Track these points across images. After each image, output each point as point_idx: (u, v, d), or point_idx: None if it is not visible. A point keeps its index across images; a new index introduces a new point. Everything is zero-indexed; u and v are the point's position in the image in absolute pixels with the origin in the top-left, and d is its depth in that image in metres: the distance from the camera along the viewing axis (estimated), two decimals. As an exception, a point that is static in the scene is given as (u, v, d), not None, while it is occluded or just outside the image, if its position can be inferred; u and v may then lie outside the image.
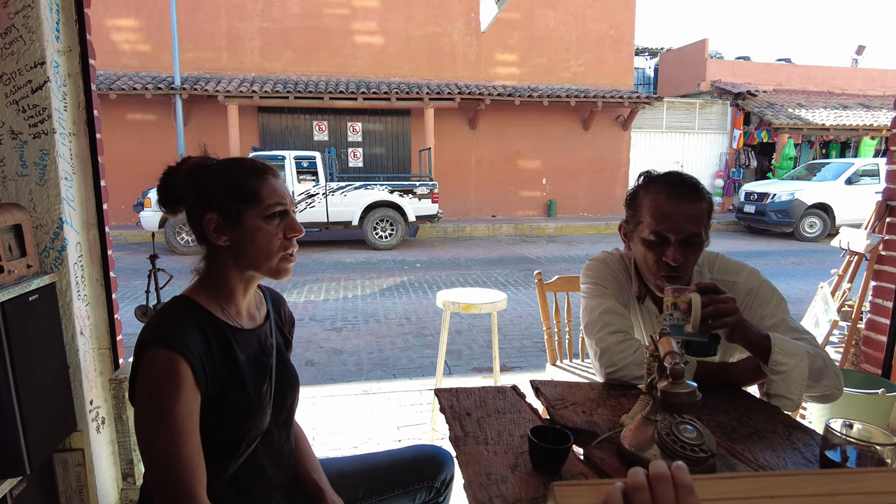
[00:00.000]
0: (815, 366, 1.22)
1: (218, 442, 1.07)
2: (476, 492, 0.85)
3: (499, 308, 2.59)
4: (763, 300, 1.38)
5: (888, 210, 2.53)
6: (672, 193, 1.32)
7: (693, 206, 1.30)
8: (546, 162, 13.99)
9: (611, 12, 14.04)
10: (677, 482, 0.52)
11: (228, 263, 1.11)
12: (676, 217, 1.30)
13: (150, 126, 11.92)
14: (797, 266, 8.42)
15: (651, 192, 1.36)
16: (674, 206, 1.30)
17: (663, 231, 1.31)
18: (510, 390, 1.26)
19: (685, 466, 0.53)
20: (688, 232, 1.29)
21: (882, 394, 2.30)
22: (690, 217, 1.29)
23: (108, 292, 1.99)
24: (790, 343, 1.22)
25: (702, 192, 1.34)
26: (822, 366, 1.23)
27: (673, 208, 1.30)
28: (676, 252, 1.30)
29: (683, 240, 1.30)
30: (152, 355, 0.98)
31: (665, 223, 1.30)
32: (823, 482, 0.52)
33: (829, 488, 0.51)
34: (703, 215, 1.32)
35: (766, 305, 1.38)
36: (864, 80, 16.86)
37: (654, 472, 0.53)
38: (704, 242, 1.34)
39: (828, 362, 1.26)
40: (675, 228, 1.30)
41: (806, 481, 0.52)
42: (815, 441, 1.06)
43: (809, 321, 3.08)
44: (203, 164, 1.12)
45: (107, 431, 2.01)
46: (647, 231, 1.33)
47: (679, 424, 0.91)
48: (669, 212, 1.30)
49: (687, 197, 1.31)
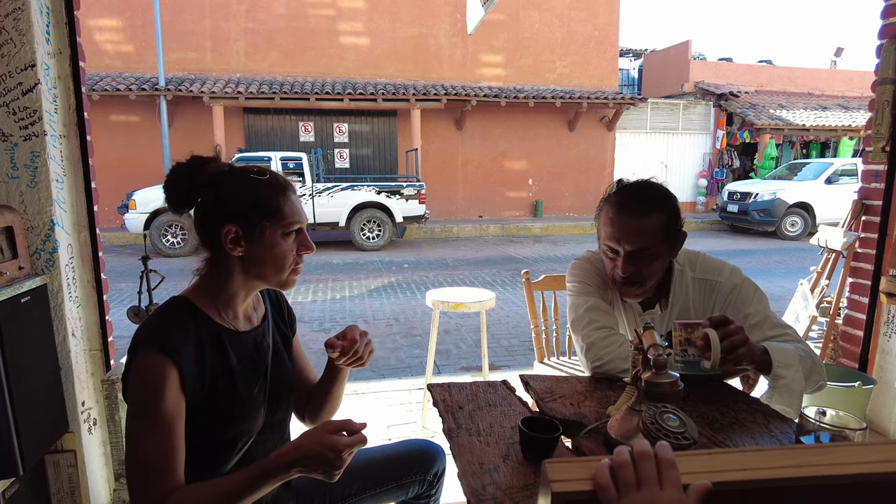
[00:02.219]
0: (806, 366, 1.28)
1: (213, 442, 1.09)
2: (470, 480, 0.89)
3: (487, 307, 2.63)
4: (746, 298, 1.43)
5: (863, 209, 2.61)
6: (621, 208, 1.38)
7: (640, 221, 1.35)
8: (532, 162, 14.09)
9: (595, 14, 14.17)
10: (660, 458, 0.57)
11: (234, 271, 1.11)
12: (623, 231, 1.36)
13: (133, 127, 11.81)
14: (779, 264, 8.57)
15: (608, 204, 1.42)
16: (620, 221, 1.37)
17: (613, 245, 1.38)
18: (501, 385, 1.30)
19: (667, 444, 0.57)
20: (635, 245, 1.35)
21: (859, 386, 2.37)
22: (637, 231, 1.34)
23: (100, 294, 1.99)
24: (785, 352, 1.26)
25: (653, 206, 1.37)
26: (811, 365, 1.29)
27: (620, 223, 1.37)
28: (626, 264, 1.36)
29: (632, 252, 1.36)
30: (143, 356, 1.00)
31: (614, 237, 1.37)
32: (790, 456, 0.56)
33: (794, 461, 0.55)
34: (653, 228, 1.35)
35: (749, 303, 1.42)
36: (842, 82, 17.19)
37: (638, 449, 0.58)
38: (659, 254, 1.37)
39: (815, 359, 1.31)
40: (623, 242, 1.36)
41: (774, 455, 0.56)
42: (792, 429, 1.11)
43: (790, 317, 3.16)
44: (226, 172, 1.11)
45: (99, 432, 2.02)
46: (604, 243, 1.42)
47: (663, 414, 0.95)
48: (618, 226, 1.37)
49: (634, 212, 1.36)
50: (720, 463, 0.55)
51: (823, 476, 0.54)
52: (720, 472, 0.54)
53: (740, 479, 0.54)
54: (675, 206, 1.41)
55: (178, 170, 1.10)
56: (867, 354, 2.58)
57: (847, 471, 0.53)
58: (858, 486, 0.55)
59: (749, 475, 0.54)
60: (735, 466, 0.54)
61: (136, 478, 0.98)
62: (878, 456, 0.56)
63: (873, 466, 0.54)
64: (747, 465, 0.54)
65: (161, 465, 0.97)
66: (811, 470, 0.54)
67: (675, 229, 1.40)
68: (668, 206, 1.39)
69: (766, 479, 0.54)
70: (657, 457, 0.57)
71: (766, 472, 0.54)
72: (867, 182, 2.59)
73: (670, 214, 1.38)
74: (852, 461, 0.55)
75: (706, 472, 0.55)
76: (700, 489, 0.54)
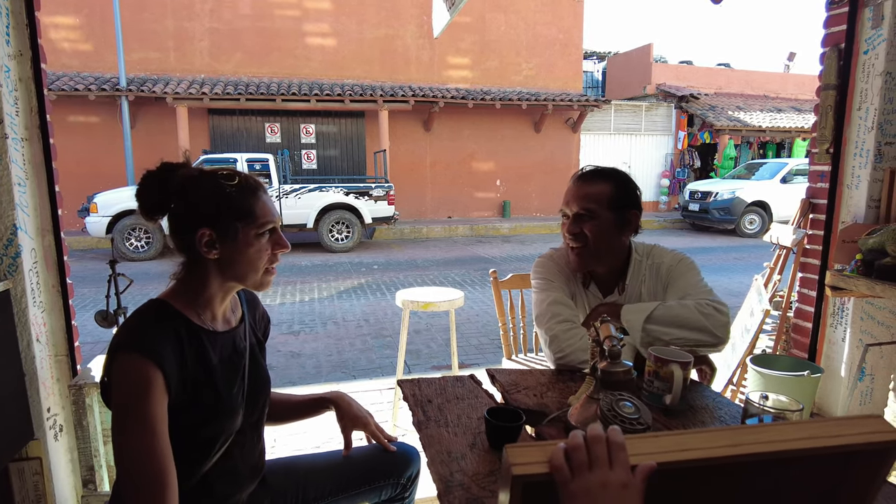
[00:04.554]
0: (673, 314, 1.41)
1: (191, 443, 1.10)
2: (438, 468, 0.94)
3: (456, 306, 2.68)
4: (679, 272, 1.57)
5: (811, 207, 2.75)
6: (575, 179, 1.56)
7: (587, 186, 1.52)
8: (499, 164, 14.23)
9: (560, 17, 14.40)
10: (611, 441, 0.62)
11: (211, 274, 1.13)
12: (572, 194, 1.53)
13: (93, 128, 11.49)
14: (738, 261, 8.86)
15: (570, 180, 1.59)
16: (572, 187, 1.55)
17: (564, 208, 1.56)
18: (468, 379, 1.35)
19: (618, 428, 0.63)
20: (581, 206, 1.50)
21: (807, 375, 2.50)
22: (584, 195, 1.51)
23: (65, 298, 1.97)
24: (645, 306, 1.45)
25: (600, 176, 1.53)
26: (696, 319, 1.40)
27: (571, 188, 1.55)
28: (572, 223, 1.52)
29: (577, 214, 1.51)
30: (123, 360, 1.00)
31: (565, 200, 1.55)
32: (728, 436, 0.62)
33: (732, 440, 0.61)
34: (598, 194, 1.50)
35: (681, 276, 1.56)
36: (795, 85, 17.86)
37: (591, 433, 0.63)
38: (603, 221, 1.50)
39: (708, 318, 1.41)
40: (571, 203, 1.52)
41: (713, 436, 0.62)
42: (739, 414, 1.18)
43: (745, 312, 3.30)
44: (196, 177, 1.12)
45: (65, 439, 1.99)
46: (560, 210, 1.59)
47: (619, 401, 1.02)
48: (569, 191, 1.56)
49: (584, 179, 1.54)
50: (665, 444, 0.61)
51: (757, 453, 0.60)
52: (665, 452, 0.60)
53: (682, 459, 0.60)
54: (624, 181, 1.55)
55: (149, 177, 1.11)
56: (816, 345, 2.72)
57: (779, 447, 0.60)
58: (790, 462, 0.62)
59: (690, 455, 0.59)
60: (679, 447, 0.60)
61: (134, 487, 0.96)
62: (807, 433, 0.62)
63: (802, 443, 0.61)
64: (689, 446, 0.60)
65: (159, 471, 0.97)
66: (747, 448, 0.60)
67: (622, 203, 1.52)
68: (616, 179, 1.54)
69: (706, 458, 0.60)
70: (608, 440, 0.62)
71: (705, 451, 0.59)
72: (813, 182, 2.73)
73: (617, 187, 1.52)
74: (783, 438, 0.61)
75: (652, 452, 0.60)
76: (645, 469, 0.59)
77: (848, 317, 2.59)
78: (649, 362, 1.23)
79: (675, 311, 1.41)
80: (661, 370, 1.20)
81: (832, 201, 2.59)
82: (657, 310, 1.42)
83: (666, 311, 1.42)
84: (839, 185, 2.57)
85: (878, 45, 2.38)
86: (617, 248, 1.57)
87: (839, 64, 2.51)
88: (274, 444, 2.74)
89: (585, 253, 1.53)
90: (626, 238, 1.58)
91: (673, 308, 1.42)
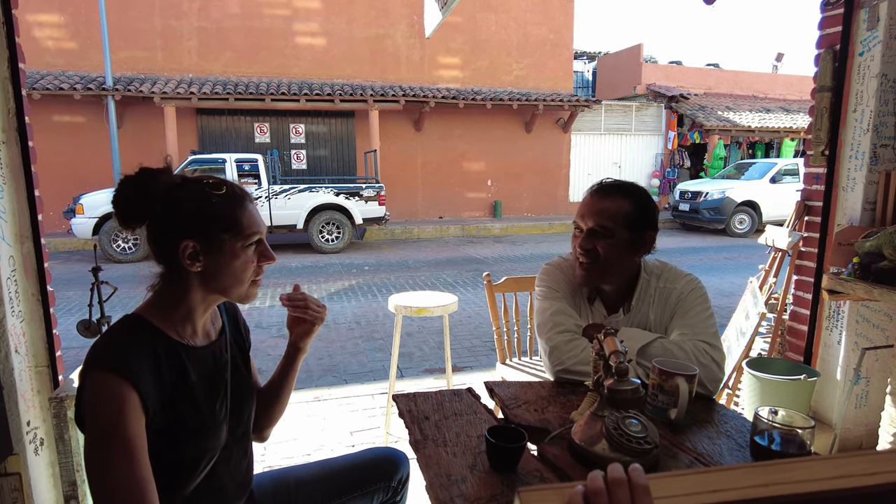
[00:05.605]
0: (669, 355, 1.34)
1: (175, 463, 1.05)
2: (438, 493, 0.89)
3: (450, 311, 2.63)
4: (686, 307, 1.48)
5: (806, 210, 2.73)
6: (592, 192, 1.49)
7: (604, 202, 1.45)
8: (490, 164, 14.21)
9: (550, 17, 14.40)
10: (633, 484, 0.58)
11: (192, 286, 1.07)
12: (588, 208, 1.47)
13: (79, 128, 11.32)
14: (729, 261, 8.89)
15: (586, 193, 1.53)
16: (588, 200, 1.48)
17: (578, 221, 1.49)
18: (466, 392, 1.30)
19: (640, 468, 0.58)
20: (596, 222, 1.44)
21: (804, 379, 2.48)
22: (601, 210, 1.44)
23: (46, 307, 1.90)
24: (643, 335, 1.41)
25: (619, 192, 1.46)
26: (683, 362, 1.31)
27: (587, 202, 1.48)
28: (585, 239, 1.46)
29: (592, 230, 1.44)
30: (95, 379, 0.95)
31: (580, 213, 1.49)
32: (758, 474, 0.58)
33: (762, 479, 0.57)
34: (615, 210, 1.44)
35: (689, 312, 1.47)
36: (783, 86, 17.99)
37: (612, 476, 0.58)
38: (618, 239, 1.44)
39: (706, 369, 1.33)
40: (587, 218, 1.46)
41: (743, 474, 0.58)
42: (746, 428, 1.15)
43: (740, 314, 3.28)
44: (179, 184, 1.06)
45: (46, 453, 1.92)
46: (573, 222, 1.52)
47: (625, 419, 0.98)
48: (585, 204, 1.49)
49: (602, 194, 1.47)
50: (691, 484, 0.56)
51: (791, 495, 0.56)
52: (692, 494, 0.56)
53: (712, 502, 0.55)
54: (643, 201, 1.48)
55: (126, 183, 1.04)
56: (811, 348, 2.71)
57: (813, 488, 0.56)
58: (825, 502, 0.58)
59: (719, 497, 0.55)
60: (705, 488, 0.56)
61: None
62: (842, 471, 0.58)
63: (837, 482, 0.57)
64: (716, 486, 0.56)
65: (134, 498, 0.91)
66: (779, 489, 0.56)
67: (640, 223, 1.45)
68: (636, 197, 1.47)
69: (737, 500, 0.55)
70: (631, 482, 0.57)
71: (735, 492, 0.55)
72: (809, 184, 2.71)
73: (636, 205, 1.45)
74: (817, 477, 0.57)
75: (679, 495, 0.56)
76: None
77: (844, 320, 2.57)
78: (653, 375, 1.19)
79: (673, 352, 1.35)
80: (666, 383, 1.15)
81: (828, 204, 2.58)
82: (654, 344, 1.37)
83: (662, 349, 1.36)
84: (835, 188, 2.55)
85: (873, 46, 2.37)
86: (627, 268, 1.51)
87: (834, 66, 2.49)
88: (264, 452, 2.68)
89: (594, 270, 1.47)
90: (638, 258, 1.52)
91: (670, 349, 1.36)
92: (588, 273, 1.48)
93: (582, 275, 1.49)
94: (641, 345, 1.36)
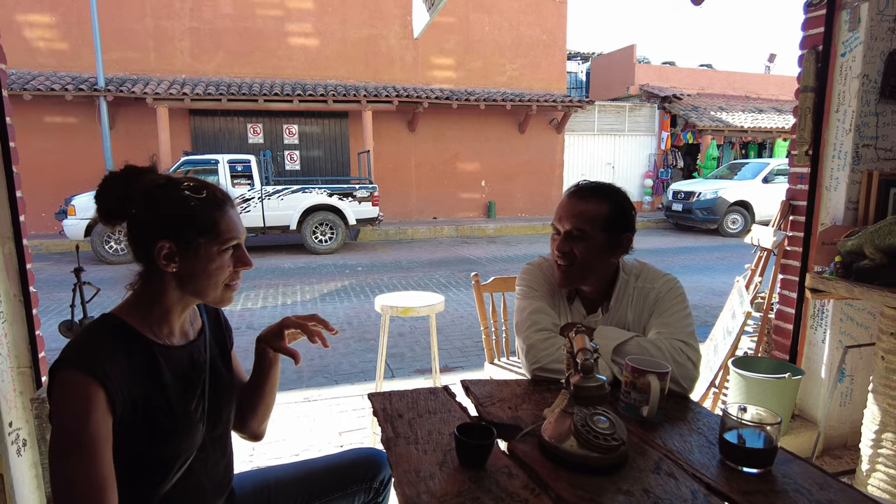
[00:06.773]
0: (644, 352, 1.34)
1: (149, 462, 1.06)
2: (405, 489, 0.90)
3: (437, 311, 2.64)
4: (664, 307, 1.48)
5: (791, 209, 2.75)
6: (570, 195, 1.49)
7: (581, 204, 1.45)
8: (484, 164, 14.22)
9: (543, 18, 14.42)
10: None
11: (169, 287, 1.08)
12: (565, 210, 1.47)
13: (71, 129, 11.27)
14: (721, 261, 8.92)
15: (564, 195, 1.53)
16: (566, 203, 1.48)
17: (555, 224, 1.50)
18: (441, 391, 1.31)
19: None
20: (573, 225, 1.44)
21: (788, 377, 2.50)
22: (578, 213, 1.45)
23: (28, 308, 1.90)
24: (618, 333, 1.42)
25: (597, 195, 1.46)
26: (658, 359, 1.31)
27: (565, 204, 1.48)
28: (562, 241, 1.46)
29: (570, 232, 1.45)
30: (62, 377, 0.95)
31: (557, 216, 1.49)
32: None
33: None
34: (593, 213, 1.44)
35: (666, 312, 1.47)
36: (776, 86, 18.07)
37: None
38: (595, 242, 1.44)
39: (679, 366, 1.34)
40: (564, 220, 1.46)
41: None
42: (717, 425, 1.16)
43: (727, 313, 3.30)
44: (161, 185, 1.06)
45: (29, 454, 1.92)
46: (551, 225, 1.53)
47: (594, 416, 0.98)
48: (562, 207, 1.49)
49: (579, 196, 1.47)
50: None
51: None
52: None
53: None
54: (621, 203, 1.48)
55: (110, 180, 1.06)
56: (797, 347, 2.72)
57: None
58: None
59: None
60: None
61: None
62: None
63: None
64: None
65: (93, 496, 0.92)
66: None
67: (617, 225, 1.46)
68: (614, 199, 1.47)
69: None
70: None
71: None
72: (793, 184, 2.73)
73: (614, 208, 1.46)
74: None
75: None
76: None
77: (828, 318, 2.59)
78: (626, 373, 1.20)
79: (648, 350, 1.35)
80: (639, 381, 1.16)
81: (811, 203, 2.60)
82: (630, 342, 1.37)
83: (638, 347, 1.36)
84: (818, 187, 2.57)
85: (854, 47, 2.39)
86: (605, 269, 1.52)
87: (817, 66, 2.51)
88: (252, 452, 2.68)
89: (571, 272, 1.47)
90: (615, 259, 1.52)
91: (646, 347, 1.36)
92: (566, 275, 1.49)
93: (560, 277, 1.50)
94: (617, 343, 1.36)
